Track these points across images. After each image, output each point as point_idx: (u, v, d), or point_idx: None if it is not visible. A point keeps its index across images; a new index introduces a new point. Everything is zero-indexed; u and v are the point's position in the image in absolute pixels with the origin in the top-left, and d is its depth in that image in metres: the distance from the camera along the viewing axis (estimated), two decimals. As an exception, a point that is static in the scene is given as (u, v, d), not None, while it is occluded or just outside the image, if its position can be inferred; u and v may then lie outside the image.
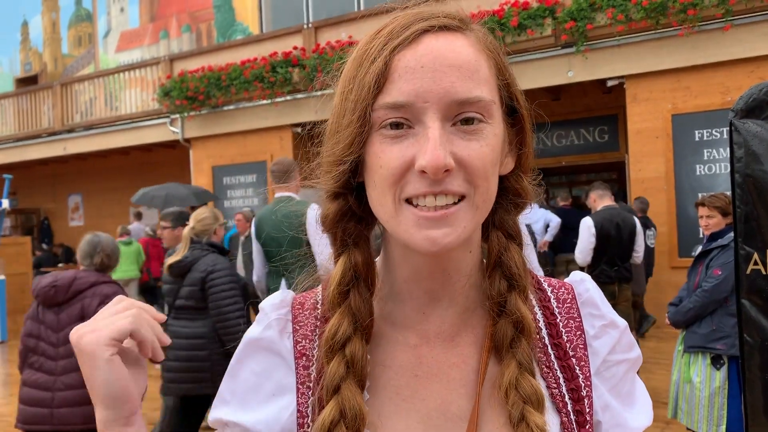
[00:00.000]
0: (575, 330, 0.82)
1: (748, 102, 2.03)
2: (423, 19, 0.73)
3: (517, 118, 0.79)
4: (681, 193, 8.33)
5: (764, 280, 2.01)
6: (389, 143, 0.70)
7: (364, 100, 0.70)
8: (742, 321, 2.06)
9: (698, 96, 8.29)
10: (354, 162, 0.73)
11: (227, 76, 11.38)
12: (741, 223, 2.05)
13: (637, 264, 5.78)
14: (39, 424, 3.15)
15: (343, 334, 0.75)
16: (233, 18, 14.56)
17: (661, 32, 8.32)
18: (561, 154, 11.65)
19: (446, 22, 0.73)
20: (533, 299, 0.82)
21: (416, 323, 0.79)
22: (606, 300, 0.86)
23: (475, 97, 0.69)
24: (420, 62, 0.69)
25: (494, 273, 0.78)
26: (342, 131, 0.74)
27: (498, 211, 0.80)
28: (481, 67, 0.72)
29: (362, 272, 0.77)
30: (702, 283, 4.03)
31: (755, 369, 2.05)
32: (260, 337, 0.82)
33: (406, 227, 0.70)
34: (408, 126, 0.70)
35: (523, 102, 0.79)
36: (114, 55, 16.63)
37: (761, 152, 1.98)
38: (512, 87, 0.78)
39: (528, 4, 8.99)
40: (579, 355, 0.80)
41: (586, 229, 5.54)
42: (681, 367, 4.16)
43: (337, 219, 0.78)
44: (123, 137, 13.65)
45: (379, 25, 0.77)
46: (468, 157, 0.69)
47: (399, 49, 0.70)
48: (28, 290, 11.80)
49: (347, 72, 0.75)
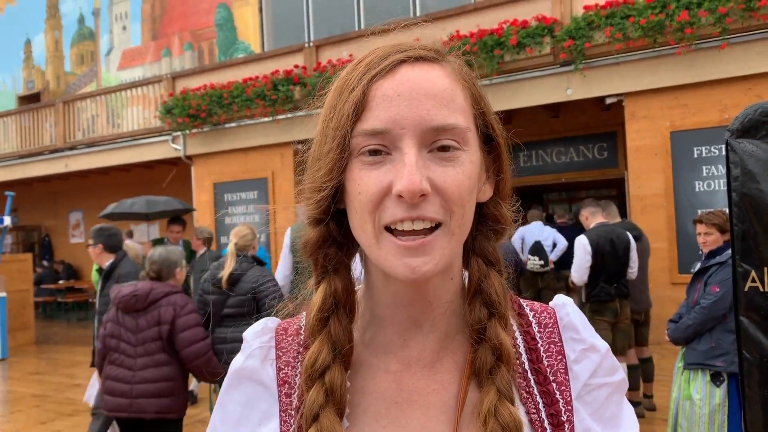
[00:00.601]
0: (556, 354, 0.82)
1: (743, 122, 2.07)
2: (400, 50, 0.75)
3: (493, 145, 0.80)
4: (680, 210, 8.37)
5: (762, 297, 2.03)
6: (368, 169, 0.71)
7: (343, 127, 0.72)
8: (741, 338, 2.08)
9: (696, 113, 8.35)
10: (334, 188, 0.74)
11: (229, 94, 11.46)
12: (738, 241, 2.08)
13: (632, 279, 5.76)
14: (120, 411, 3.68)
15: (322, 362, 0.75)
16: (235, 36, 14.69)
17: (659, 50, 8.40)
18: (560, 171, 11.70)
19: (422, 54, 0.75)
20: (514, 324, 0.82)
21: (397, 349, 0.79)
22: (587, 324, 0.86)
23: (451, 124, 0.71)
24: (397, 91, 0.71)
25: (474, 300, 0.78)
26: (323, 158, 0.75)
27: (478, 238, 0.81)
28: (456, 96, 0.74)
29: (342, 299, 0.78)
30: (700, 300, 4.05)
31: (754, 386, 2.07)
32: (243, 367, 0.83)
33: (387, 255, 0.71)
34: (386, 152, 0.71)
35: (499, 130, 0.80)
36: (116, 73, 16.75)
37: (757, 171, 2.02)
38: (488, 116, 0.79)
39: (526, 23, 9.08)
40: (560, 380, 0.80)
41: (582, 248, 5.49)
42: (681, 384, 4.16)
43: (318, 245, 0.79)
44: (125, 154, 13.72)
45: (362, 54, 0.79)
46: (444, 183, 0.70)
47: (377, 78, 0.72)
48: (29, 307, 11.81)
49: (328, 101, 0.77)
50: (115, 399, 3.67)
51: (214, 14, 15.01)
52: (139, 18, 16.36)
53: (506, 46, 9.11)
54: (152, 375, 3.66)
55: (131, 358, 3.71)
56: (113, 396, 3.69)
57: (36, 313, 13.36)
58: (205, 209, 12.60)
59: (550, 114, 10.94)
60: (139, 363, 3.68)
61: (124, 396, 3.66)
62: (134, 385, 3.66)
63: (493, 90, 9.55)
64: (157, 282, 3.88)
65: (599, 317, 5.53)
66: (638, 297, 6.02)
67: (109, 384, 3.73)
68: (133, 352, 3.71)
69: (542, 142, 11.71)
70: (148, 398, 3.64)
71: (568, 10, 9.04)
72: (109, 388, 3.73)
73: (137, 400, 3.64)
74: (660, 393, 6.19)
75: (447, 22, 9.91)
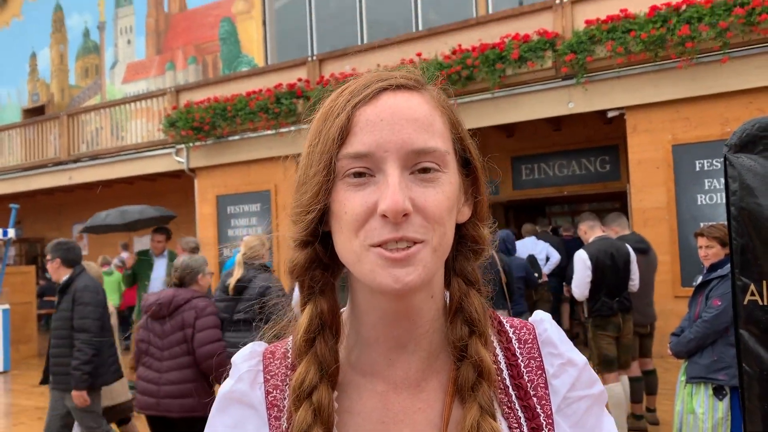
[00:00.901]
0: (536, 369, 0.84)
1: (741, 137, 2.09)
2: (382, 79, 0.79)
3: (470, 168, 0.84)
4: (683, 223, 8.37)
5: (761, 310, 2.04)
6: (353, 191, 0.74)
7: (329, 151, 0.75)
8: (741, 351, 2.09)
9: (698, 127, 8.38)
10: (321, 210, 0.77)
11: (232, 107, 11.53)
12: (737, 255, 2.09)
13: (635, 292, 5.74)
14: (149, 410, 3.96)
15: (309, 382, 0.77)
16: (239, 50, 14.79)
17: (660, 64, 8.44)
18: (563, 184, 11.72)
19: (403, 82, 0.79)
20: (494, 341, 0.85)
21: (383, 369, 0.81)
22: (565, 338, 0.88)
23: (431, 147, 0.74)
24: (379, 116, 0.75)
25: (456, 318, 0.81)
26: (309, 182, 0.78)
27: (458, 259, 0.84)
28: (435, 122, 0.77)
29: (328, 320, 0.80)
30: (702, 314, 4.05)
31: (755, 399, 2.07)
32: (232, 390, 0.84)
33: (372, 267, 0.73)
34: (370, 174, 0.74)
35: (475, 154, 0.84)
36: (120, 86, 16.87)
37: (755, 185, 2.03)
38: (465, 140, 0.83)
39: (528, 37, 9.14)
40: (540, 394, 0.82)
41: (581, 262, 5.45)
42: (684, 398, 4.15)
43: (305, 267, 0.81)
44: (128, 167, 13.78)
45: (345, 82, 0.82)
46: (425, 203, 0.73)
47: (360, 104, 0.76)
48: (32, 319, 11.81)
49: (314, 127, 0.81)
50: (145, 398, 4.00)
51: (218, 28, 15.13)
52: (143, 32, 16.49)
53: (508, 59, 9.16)
54: (176, 377, 3.92)
55: (158, 361, 4.01)
56: (143, 395, 4.01)
57: (38, 325, 13.37)
58: (208, 222, 12.64)
59: (552, 127, 10.98)
60: (165, 366, 3.97)
61: (153, 396, 3.94)
62: (161, 386, 3.93)
63: (495, 103, 9.60)
64: (180, 289, 4.15)
65: (602, 332, 5.50)
66: (644, 310, 6.00)
67: (141, 384, 4.06)
68: (159, 356, 4.01)
69: (544, 155, 11.74)
70: (173, 398, 3.90)
71: (569, 24, 9.10)
72: (140, 388, 4.06)
73: (164, 400, 3.91)
74: (664, 407, 6.17)
75: (449, 36, 9.98)
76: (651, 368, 6.11)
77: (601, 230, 5.88)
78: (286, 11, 14.56)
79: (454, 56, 9.53)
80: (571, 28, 9.05)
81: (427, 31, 10.49)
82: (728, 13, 7.80)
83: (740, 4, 7.76)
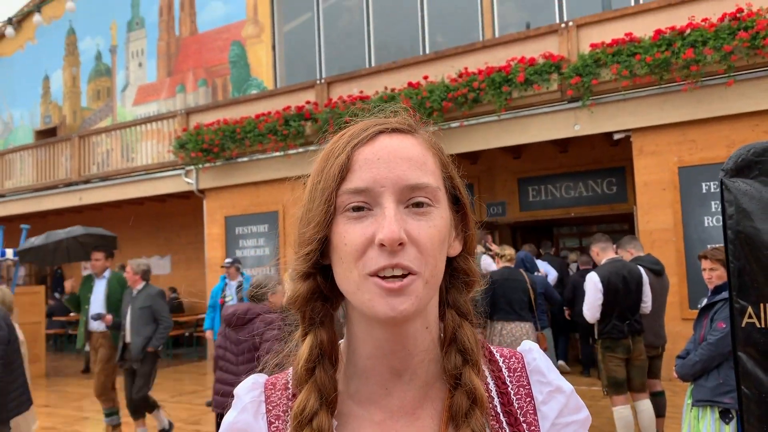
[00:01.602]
0: (525, 397, 0.89)
1: (737, 162, 2.12)
2: (379, 123, 0.86)
3: (460, 205, 0.90)
4: (690, 245, 8.35)
5: (759, 333, 2.06)
6: (352, 223, 0.80)
7: (330, 187, 0.81)
8: (740, 374, 2.10)
9: (704, 149, 8.40)
10: (321, 242, 0.82)
11: (242, 129, 11.65)
12: (735, 278, 2.12)
13: (647, 314, 5.72)
14: (225, 409, 4.27)
15: (310, 409, 0.81)
16: (248, 73, 14.97)
17: (666, 87, 8.49)
18: (570, 206, 11.73)
19: (398, 126, 0.86)
20: (486, 370, 0.89)
21: (380, 399, 0.85)
22: (552, 367, 0.93)
23: (424, 183, 0.81)
24: (377, 155, 0.81)
25: (450, 349, 0.85)
26: (311, 215, 0.84)
27: (451, 292, 0.89)
28: (428, 161, 0.84)
29: (327, 350, 0.84)
30: (707, 336, 4.05)
31: (754, 421, 2.08)
32: (236, 421, 0.88)
33: (370, 296, 0.78)
34: (368, 209, 0.80)
35: (464, 192, 0.90)
36: (131, 108, 17.08)
37: (751, 209, 2.07)
38: (454, 180, 0.89)
39: (534, 61, 9.22)
40: (529, 420, 0.87)
41: (593, 285, 5.46)
42: (690, 422, 4.13)
43: (306, 298, 0.86)
44: (138, 188, 13.90)
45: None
46: (418, 235, 0.78)
47: (359, 145, 0.83)
48: (41, 340, 11.85)
49: (316, 167, 0.86)
50: (222, 398, 4.51)
51: (228, 51, 15.34)
52: (155, 55, 16.73)
53: (514, 82, 9.24)
54: None
55: (234, 365, 4.55)
56: (222, 396, 4.53)
57: (47, 345, 13.41)
58: (217, 242, 12.70)
59: (558, 149, 11.02)
60: (241, 369, 4.47)
61: (228, 396, 4.18)
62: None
63: (502, 126, 9.66)
64: (254, 303, 4.74)
65: (611, 354, 5.48)
66: (657, 331, 5.99)
67: (218, 386, 4.58)
68: (234, 360, 4.56)
69: (551, 176, 11.77)
70: None
71: (575, 47, 9.18)
72: (217, 389, 4.58)
73: None
74: (671, 430, 6.13)
75: (456, 59, 10.08)
76: (660, 390, 6.07)
77: (613, 252, 5.87)
78: (295, 35, 14.75)
79: (461, 79, 9.62)
80: (576, 52, 9.13)
81: (434, 54, 10.60)
82: (732, 36, 7.86)
83: (744, 28, 7.82)
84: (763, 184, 2.05)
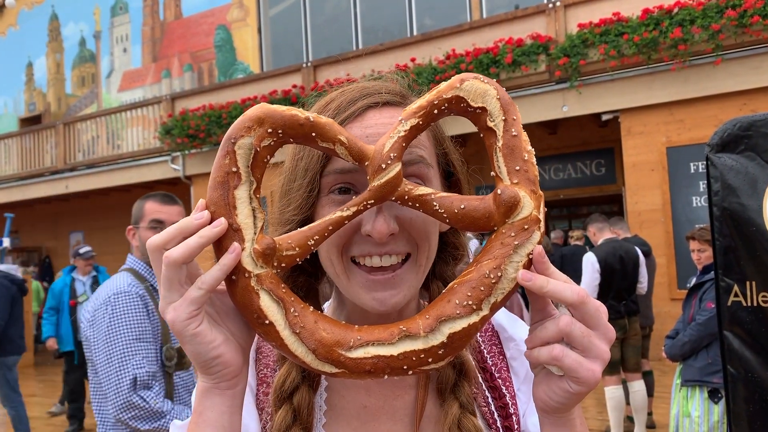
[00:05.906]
0: (498, 354, 0.91)
1: (722, 137, 2.07)
2: (368, 95, 0.79)
3: (453, 180, 0.87)
4: (678, 225, 8.35)
5: (745, 311, 2.02)
6: (337, 206, 0.75)
7: (313, 168, 0.77)
8: (725, 353, 2.06)
9: (692, 129, 8.37)
10: (300, 222, 0.78)
11: (228, 114, 11.54)
12: (720, 256, 2.08)
13: (642, 294, 5.73)
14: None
15: (291, 383, 0.79)
16: (234, 57, 14.79)
17: (654, 67, 8.44)
18: (559, 188, 11.70)
19: (389, 98, 0.80)
20: None
21: None
22: (513, 318, 0.95)
23: (417, 157, 0.76)
24: (365, 134, 0.76)
25: None
26: (292, 194, 0.79)
27: (438, 263, 0.87)
28: (420, 137, 0.78)
29: None
30: (696, 316, 4.03)
31: (740, 401, 2.05)
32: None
33: (356, 289, 0.75)
34: (354, 191, 0.75)
35: (459, 167, 0.87)
36: (116, 94, 16.86)
37: (737, 185, 2.02)
38: (450, 155, 0.86)
39: (522, 42, 9.14)
40: (504, 376, 0.89)
41: (590, 266, 5.45)
42: (680, 401, 4.13)
43: (287, 273, 0.83)
44: (124, 175, 13.78)
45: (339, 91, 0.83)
46: (411, 219, 0.75)
47: (346, 122, 0.77)
48: (29, 329, 11.74)
49: None
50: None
51: (214, 36, 15.14)
52: (139, 40, 16.49)
53: (502, 64, 9.17)
54: None
55: None
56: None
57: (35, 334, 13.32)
58: (205, 229, 12.61)
59: (547, 131, 10.97)
60: None
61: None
62: None
63: (490, 108, 9.58)
64: None
65: (607, 334, 5.48)
66: (646, 312, 6.00)
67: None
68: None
69: (540, 158, 11.57)
70: None
71: (562, 28, 9.11)
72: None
73: None
74: (660, 410, 6.14)
75: (443, 41, 9.98)
76: (648, 369, 6.08)
77: (610, 232, 5.86)
78: (281, 18, 14.56)
79: (448, 61, 9.54)
80: (564, 32, 9.05)
81: (421, 36, 10.49)
82: (720, 15, 7.80)
83: (732, 6, 7.76)
84: (750, 159, 2.00)
